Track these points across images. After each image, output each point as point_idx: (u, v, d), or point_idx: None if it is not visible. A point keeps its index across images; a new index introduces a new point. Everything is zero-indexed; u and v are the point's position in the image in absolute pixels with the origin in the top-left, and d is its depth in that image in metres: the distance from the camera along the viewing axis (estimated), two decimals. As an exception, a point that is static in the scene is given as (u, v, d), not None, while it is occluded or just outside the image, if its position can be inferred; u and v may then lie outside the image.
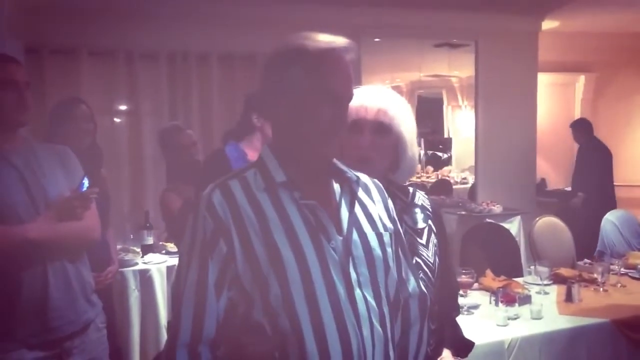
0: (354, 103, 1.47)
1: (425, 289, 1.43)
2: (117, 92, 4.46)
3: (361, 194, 1.29)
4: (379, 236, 1.25)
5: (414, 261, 1.45)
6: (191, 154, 2.93)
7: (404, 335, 1.33)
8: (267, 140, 1.61)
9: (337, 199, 1.25)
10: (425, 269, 1.48)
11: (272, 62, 1.23)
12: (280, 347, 1.14)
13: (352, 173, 1.28)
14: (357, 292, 1.17)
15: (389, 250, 1.26)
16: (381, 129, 1.48)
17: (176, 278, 1.23)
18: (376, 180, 1.36)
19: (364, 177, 1.33)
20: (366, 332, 1.16)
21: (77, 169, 2.04)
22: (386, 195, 1.35)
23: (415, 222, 1.53)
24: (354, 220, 1.23)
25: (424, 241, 1.52)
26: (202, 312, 1.16)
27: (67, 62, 4.25)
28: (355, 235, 1.22)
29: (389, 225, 1.30)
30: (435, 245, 1.53)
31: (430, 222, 1.55)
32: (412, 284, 1.35)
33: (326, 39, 1.21)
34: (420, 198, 1.58)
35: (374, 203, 1.31)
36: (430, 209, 1.57)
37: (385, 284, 1.23)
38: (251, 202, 1.18)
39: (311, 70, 1.18)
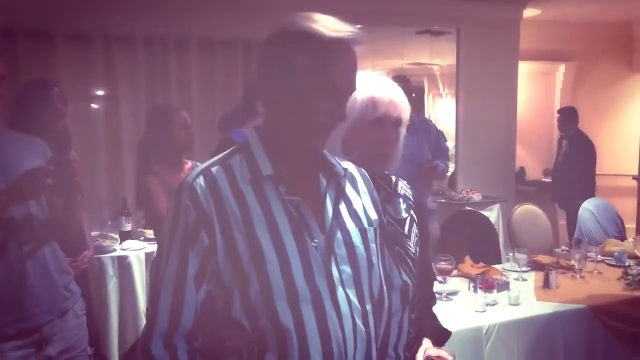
0: (384, 96, 1.43)
1: (408, 279, 1.42)
2: (94, 77, 4.37)
3: (347, 187, 1.26)
4: (363, 232, 1.22)
5: (396, 251, 1.45)
6: (189, 134, 2.87)
7: (385, 325, 1.31)
8: None
9: (322, 193, 1.21)
10: (407, 259, 1.47)
11: (275, 43, 1.16)
12: (259, 342, 1.12)
13: (340, 166, 1.24)
14: (340, 290, 1.15)
15: (372, 246, 1.23)
16: (399, 124, 1.48)
17: (155, 266, 1.19)
18: (362, 170, 1.34)
19: (350, 168, 1.30)
20: (348, 331, 1.14)
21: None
22: (372, 186, 1.33)
23: (398, 212, 1.51)
24: (337, 217, 1.20)
25: (406, 231, 1.50)
26: (180, 304, 1.13)
27: (42, 45, 4.15)
28: (338, 233, 1.19)
29: (374, 217, 1.27)
30: (416, 236, 1.53)
31: (412, 212, 1.54)
32: (395, 276, 1.34)
33: (335, 26, 1.13)
34: (403, 188, 1.57)
35: (360, 195, 1.28)
36: (412, 199, 1.56)
37: (369, 282, 1.21)
38: (235, 194, 1.14)
39: (316, 61, 1.12)
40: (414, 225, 1.53)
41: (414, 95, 4.99)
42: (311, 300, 1.12)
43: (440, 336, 1.63)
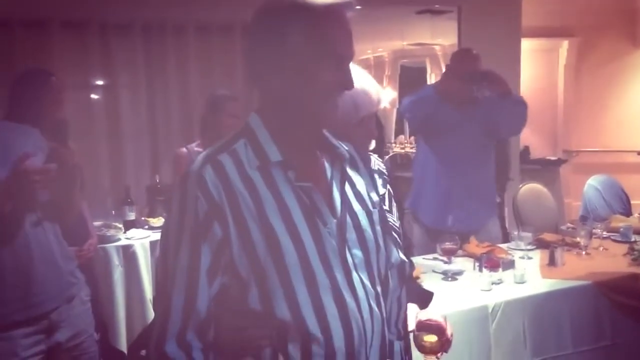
0: (364, 96, 1.45)
1: (403, 255, 1.42)
2: (91, 65, 4.34)
3: (350, 169, 1.24)
4: (369, 215, 1.21)
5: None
6: (234, 124, 3.04)
7: (389, 303, 1.31)
8: None
9: (329, 176, 1.19)
10: (394, 234, 1.47)
11: (265, 20, 1.12)
12: (279, 332, 1.09)
13: (343, 148, 1.22)
14: (355, 275, 1.14)
15: (378, 228, 1.22)
16: (376, 114, 1.52)
17: (162, 261, 1.14)
18: (359, 149, 1.32)
19: (351, 149, 1.27)
20: (366, 315, 1.14)
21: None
22: (370, 165, 1.32)
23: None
24: (345, 201, 1.18)
25: (387, 207, 1.51)
26: (193, 301, 1.09)
27: (38, 34, 4.12)
28: (348, 217, 1.17)
29: (376, 198, 1.26)
30: (396, 209, 1.52)
31: (388, 186, 1.54)
32: (394, 254, 1.34)
33: None
34: (376, 163, 1.57)
35: (361, 177, 1.26)
36: (386, 174, 1.56)
37: (377, 264, 1.20)
38: (245, 182, 1.09)
39: (314, 31, 1.08)
40: (392, 199, 1.52)
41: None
42: (330, 288, 1.10)
43: (425, 297, 1.63)
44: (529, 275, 2.59)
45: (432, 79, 9.06)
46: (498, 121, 3.16)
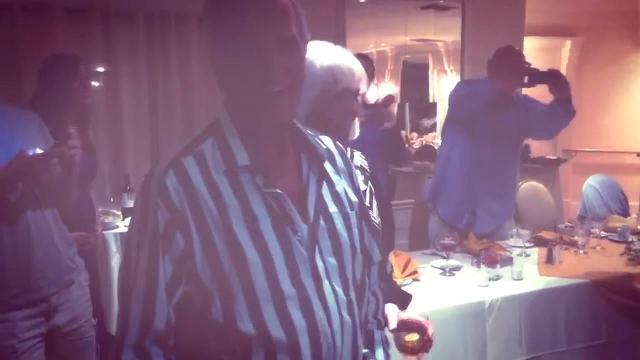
0: (344, 69, 1.42)
1: (382, 253, 1.42)
2: (93, 52, 4.31)
3: (328, 167, 1.17)
4: (346, 218, 1.15)
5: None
6: None
7: (365, 300, 1.30)
8: None
9: (304, 177, 1.12)
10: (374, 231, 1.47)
11: (203, 15, 1.08)
12: (243, 344, 1.05)
13: (322, 147, 1.15)
14: (326, 283, 1.09)
15: (355, 231, 1.17)
16: (357, 94, 1.47)
17: (124, 265, 1.08)
18: (338, 143, 1.24)
19: (328, 143, 1.20)
20: (336, 325, 1.09)
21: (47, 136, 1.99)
22: (349, 161, 1.25)
23: None
24: (321, 204, 1.12)
25: (367, 203, 1.49)
26: (151, 314, 1.05)
27: (40, 20, 4.10)
28: (321, 221, 1.11)
29: (354, 198, 1.20)
30: (377, 207, 1.52)
31: (370, 183, 1.53)
32: (375, 252, 1.31)
33: None
34: (359, 159, 1.55)
35: (340, 175, 1.20)
36: (368, 170, 1.55)
37: (352, 269, 1.15)
38: (210, 188, 1.03)
39: (228, 16, 1.02)
40: (373, 196, 1.52)
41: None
42: (297, 299, 1.06)
43: (404, 299, 1.63)
44: (526, 273, 2.60)
45: (434, 75, 9.05)
46: (538, 125, 3.03)
